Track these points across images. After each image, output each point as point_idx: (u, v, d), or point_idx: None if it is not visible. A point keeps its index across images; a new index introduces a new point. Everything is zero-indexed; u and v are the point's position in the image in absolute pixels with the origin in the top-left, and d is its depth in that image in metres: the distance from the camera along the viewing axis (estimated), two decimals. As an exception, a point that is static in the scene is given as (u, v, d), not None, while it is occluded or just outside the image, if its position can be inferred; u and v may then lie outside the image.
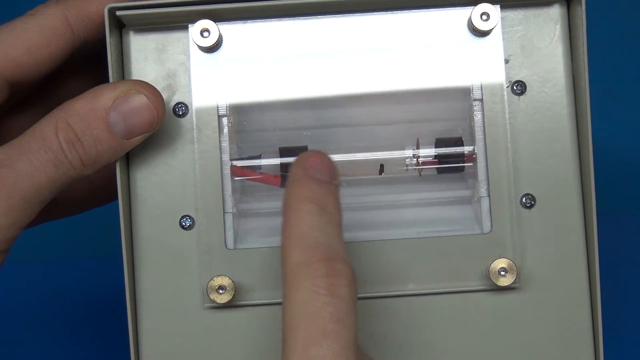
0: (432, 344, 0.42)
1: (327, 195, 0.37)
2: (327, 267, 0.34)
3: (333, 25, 0.42)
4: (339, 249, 0.35)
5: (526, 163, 0.42)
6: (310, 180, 0.37)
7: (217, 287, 0.41)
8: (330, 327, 0.33)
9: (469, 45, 0.42)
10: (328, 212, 0.36)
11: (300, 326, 0.34)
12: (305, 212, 0.36)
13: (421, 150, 0.44)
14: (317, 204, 0.36)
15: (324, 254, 0.35)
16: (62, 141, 0.39)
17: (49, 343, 0.67)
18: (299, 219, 0.36)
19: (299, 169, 0.37)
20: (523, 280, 0.42)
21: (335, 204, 0.37)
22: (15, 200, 0.39)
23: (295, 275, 0.35)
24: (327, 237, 0.35)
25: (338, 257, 0.35)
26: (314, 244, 0.35)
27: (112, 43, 0.41)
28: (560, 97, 0.42)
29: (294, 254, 0.35)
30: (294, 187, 0.37)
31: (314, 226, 0.36)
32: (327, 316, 0.33)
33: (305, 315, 0.34)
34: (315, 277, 0.34)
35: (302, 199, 0.36)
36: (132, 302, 0.42)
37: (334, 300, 0.34)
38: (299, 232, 0.36)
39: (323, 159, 0.38)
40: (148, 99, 0.40)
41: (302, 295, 0.34)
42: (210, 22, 0.41)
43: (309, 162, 0.37)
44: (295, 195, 0.37)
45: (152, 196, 0.42)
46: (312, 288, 0.34)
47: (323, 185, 0.37)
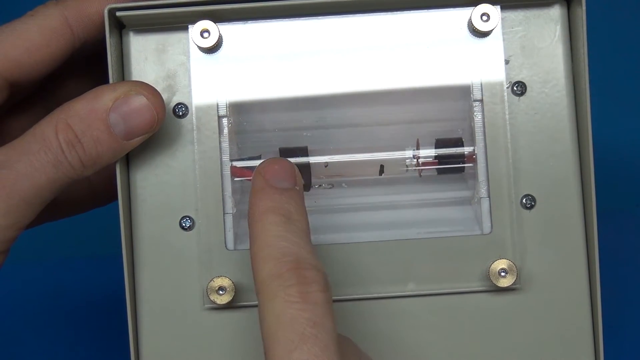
0: (433, 344, 0.42)
1: (290, 204, 0.37)
2: (298, 276, 0.35)
3: (333, 26, 0.42)
4: (308, 256, 0.36)
5: (526, 164, 0.42)
6: (271, 190, 0.37)
7: (217, 288, 0.41)
8: (309, 332, 0.34)
9: (469, 45, 0.42)
10: (293, 220, 0.37)
11: (279, 335, 0.34)
12: (269, 223, 0.36)
13: (421, 151, 0.44)
14: (281, 213, 0.36)
15: (292, 263, 0.35)
16: (62, 142, 0.39)
17: (49, 343, 0.67)
18: (264, 231, 0.36)
19: (259, 179, 0.38)
20: (523, 281, 0.42)
21: (299, 210, 0.37)
22: (15, 200, 0.39)
23: (268, 288, 0.35)
24: (294, 245, 0.36)
25: (307, 265, 0.35)
26: (282, 254, 0.35)
27: (112, 44, 0.41)
28: (561, 98, 0.42)
29: (264, 267, 0.35)
30: (256, 198, 0.37)
31: (280, 236, 0.36)
32: (303, 322, 0.34)
33: (282, 324, 0.34)
34: (287, 287, 0.35)
35: (265, 210, 0.37)
36: (132, 302, 0.42)
37: (309, 306, 0.34)
38: (265, 244, 0.36)
39: (282, 166, 0.38)
40: (148, 100, 0.40)
41: (276, 306, 0.34)
42: (210, 22, 0.41)
43: (268, 170, 0.38)
44: (258, 207, 0.37)
45: (152, 197, 0.42)
46: (285, 298, 0.34)
47: (285, 193, 0.37)
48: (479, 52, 0.42)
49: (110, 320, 0.61)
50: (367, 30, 0.42)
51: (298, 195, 0.38)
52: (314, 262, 0.36)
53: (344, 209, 0.44)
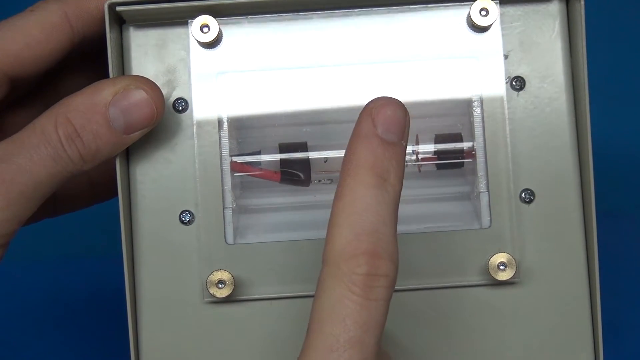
0: (432, 338, 0.42)
1: (391, 163, 0.34)
2: (370, 265, 0.33)
3: (332, 22, 0.42)
4: (389, 241, 0.34)
5: (525, 158, 0.42)
6: (377, 141, 0.34)
7: (216, 281, 0.41)
8: (358, 337, 0.33)
9: (468, 40, 0.42)
10: (388, 185, 0.34)
11: (327, 326, 0.33)
12: (364, 184, 0.34)
13: (420, 146, 0.44)
14: (378, 174, 0.34)
15: (371, 246, 0.33)
16: (61, 136, 0.39)
17: (49, 343, 0.67)
18: (354, 191, 0.34)
19: (368, 122, 0.35)
20: (522, 275, 0.42)
21: (398, 172, 0.35)
22: (14, 194, 0.39)
23: (336, 265, 0.33)
24: (380, 223, 0.34)
25: (385, 253, 0.33)
26: (364, 230, 0.33)
27: (112, 39, 0.41)
28: (559, 93, 0.42)
29: (340, 237, 0.34)
30: (357, 145, 0.35)
31: (369, 205, 0.34)
32: (355, 323, 0.33)
33: (335, 315, 0.33)
34: (355, 275, 0.33)
35: (365, 165, 0.34)
36: (131, 296, 0.42)
37: (368, 304, 0.33)
38: (351, 208, 0.34)
39: (395, 113, 0.35)
40: (148, 95, 0.40)
41: (337, 290, 0.33)
42: (210, 17, 0.41)
43: (381, 115, 0.35)
44: (356, 158, 0.34)
45: (151, 191, 0.42)
46: (349, 285, 0.33)
47: (389, 149, 0.34)
48: (478, 47, 0.42)
49: (110, 319, 0.61)
50: (367, 26, 0.42)
51: (402, 152, 0.35)
52: (391, 249, 0.34)
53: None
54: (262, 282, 0.42)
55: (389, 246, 0.34)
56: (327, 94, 0.43)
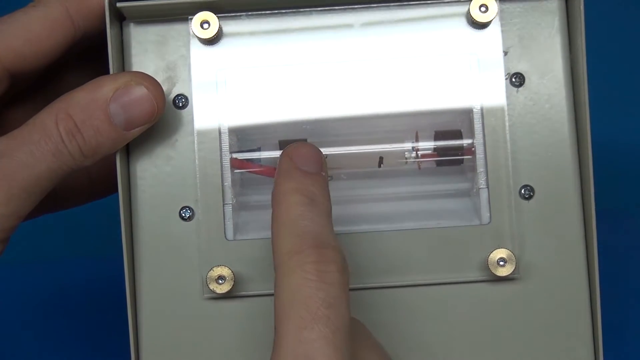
0: (432, 334, 0.42)
1: (315, 187, 0.37)
2: (317, 254, 0.35)
3: (331, 19, 0.43)
4: (329, 237, 0.36)
5: (525, 154, 0.42)
6: (298, 172, 0.38)
7: (216, 277, 0.41)
8: (322, 312, 0.34)
9: (468, 37, 0.42)
10: (317, 202, 0.37)
11: (291, 311, 0.34)
12: (293, 203, 0.37)
13: (420, 143, 0.44)
14: (305, 195, 0.37)
15: (313, 241, 0.35)
16: (62, 132, 0.39)
17: (49, 343, 0.67)
18: (287, 209, 0.37)
19: (287, 160, 0.38)
20: (522, 271, 0.42)
21: (323, 194, 0.37)
22: (14, 190, 0.39)
23: (286, 263, 0.35)
24: (317, 225, 0.36)
25: (327, 244, 0.36)
26: (303, 232, 0.36)
27: (113, 35, 0.41)
28: (559, 89, 0.42)
29: (284, 243, 0.36)
30: (281, 178, 0.38)
31: (303, 216, 0.36)
32: (318, 301, 0.34)
33: (296, 300, 0.34)
34: (305, 264, 0.35)
35: (290, 190, 0.37)
36: (131, 293, 0.42)
37: (325, 286, 0.35)
38: (288, 221, 0.36)
39: (311, 151, 0.39)
40: (148, 91, 0.40)
41: (293, 282, 0.35)
42: (211, 14, 0.41)
43: (297, 153, 0.38)
44: (283, 187, 0.37)
45: (152, 187, 0.42)
46: (302, 275, 0.35)
47: (311, 177, 0.37)
48: (478, 43, 0.42)
49: (110, 317, 0.61)
50: (367, 24, 0.43)
51: (323, 180, 0.38)
52: (334, 243, 0.36)
53: (343, 201, 0.44)
54: (262, 278, 0.42)
55: (330, 240, 0.36)
56: (327, 91, 0.43)
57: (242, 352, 0.42)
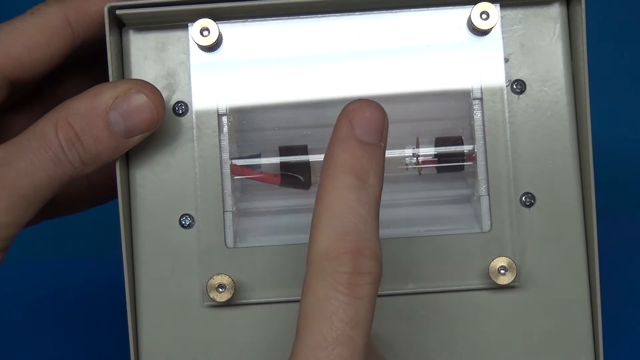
0: (432, 342, 0.42)
1: (370, 164, 0.35)
2: (354, 264, 0.33)
3: (332, 26, 0.42)
4: (371, 239, 0.34)
5: (526, 162, 0.42)
6: (355, 143, 0.35)
7: (216, 285, 0.41)
8: (346, 333, 0.33)
9: (469, 44, 0.42)
10: (368, 186, 0.34)
11: (314, 323, 0.33)
12: (343, 186, 0.34)
13: (421, 149, 0.44)
14: (357, 175, 0.34)
15: (353, 245, 0.34)
16: (62, 140, 0.39)
17: (49, 343, 0.67)
18: (334, 192, 0.34)
19: (346, 124, 0.35)
20: (523, 279, 0.42)
21: (377, 173, 0.35)
22: (15, 198, 0.39)
23: (320, 264, 0.34)
24: (361, 222, 0.34)
25: (368, 251, 0.34)
26: (346, 230, 0.34)
27: (112, 42, 0.41)
28: (560, 96, 0.42)
29: (323, 238, 0.34)
30: (336, 147, 0.35)
31: (349, 207, 0.34)
32: (345, 320, 0.33)
33: (321, 314, 0.33)
34: (339, 273, 0.33)
35: (342, 167, 0.34)
36: (131, 300, 0.42)
37: (354, 301, 0.33)
38: (331, 210, 0.34)
39: (374, 114, 0.35)
40: (148, 98, 0.40)
41: (321, 290, 0.33)
42: (210, 21, 0.41)
43: (358, 116, 0.35)
44: (336, 160, 0.34)
45: (151, 195, 0.42)
46: (334, 284, 0.33)
47: (368, 150, 0.35)
48: (479, 50, 0.42)
49: (110, 320, 0.61)
50: (367, 30, 0.42)
51: (381, 153, 0.35)
52: (374, 247, 0.34)
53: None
54: (263, 286, 0.42)
55: (371, 244, 0.34)
56: (327, 97, 0.43)
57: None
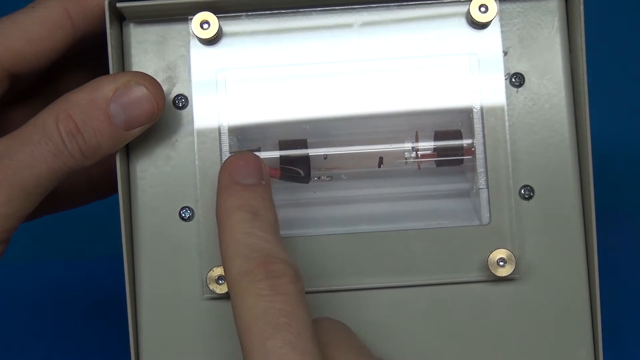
0: (431, 335, 0.42)
1: (256, 199, 0.37)
2: (267, 270, 0.35)
3: (331, 19, 0.43)
4: (276, 251, 0.36)
5: (525, 154, 0.42)
6: (237, 187, 0.38)
7: (216, 277, 0.41)
8: (282, 321, 0.34)
9: (468, 37, 0.42)
10: (260, 215, 0.37)
11: (252, 326, 0.35)
12: (236, 220, 0.37)
13: (420, 143, 0.44)
14: (247, 210, 0.37)
15: (261, 258, 0.36)
16: (62, 132, 0.39)
17: (48, 343, 0.67)
18: (231, 228, 0.37)
19: (225, 175, 0.38)
20: (522, 271, 0.42)
21: (265, 205, 0.38)
22: (15, 190, 0.39)
23: (238, 284, 0.36)
24: (262, 241, 0.36)
25: (275, 259, 0.36)
26: (250, 250, 0.36)
27: (112, 35, 0.41)
28: (559, 89, 0.42)
29: (234, 264, 0.36)
30: (222, 196, 0.38)
31: (247, 233, 0.37)
32: (275, 312, 0.35)
33: (254, 315, 0.35)
34: (257, 282, 0.35)
35: (232, 208, 0.37)
36: (131, 292, 0.42)
37: (280, 297, 0.35)
38: (233, 241, 0.37)
39: (247, 161, 0.39)
40: (148, 91, 0.40)
41: (248, 300, 0.35)
42: (210, 14, 0.41)
43: (234, 166, 0.38)
44: (224, 204, 0.37)
45: (151, 188, 0.42)
46: (256, 292, 0.35)
47: (250, 189, 0.38)
48: (477, 43, 0.42)
49: (110, 318, 0.61)
50: (366, 25, 0.43)
51: (264, 190, 0.38)
52: (282, 255, 0.36)
53: (343, 201, 0.44)
54: (262, 278, 0.42)
55: (277, 254, 0.36)
56: (327, 91, 0.43)
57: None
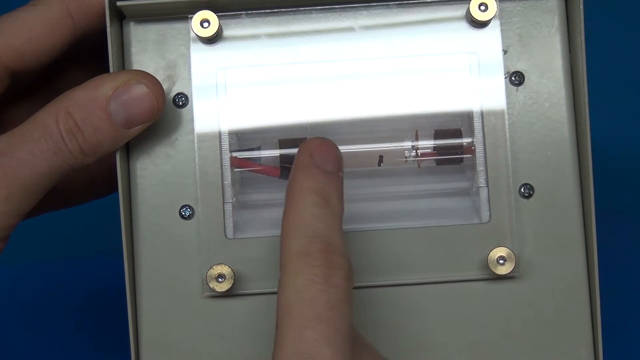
0: (431, 333, 0.42)
1: (331, 188, 0.37)
2: (325, 259, 0.35)
3: (331, 18, 0.43)
4: (338, 242, 0.36)
5: (524, 153, 0.42)
6: (316, 170, 0.37)
7: (216, 275, 0.41)
8: (326, 314, 0.34)
9: (467, 36, 0.42)
10: (331, 204, 0.37)
11: (295, 310, 0.34)
12: (308, 202, 0.36)
13: (420, 142, 0.44)
14: (321, 195, 0.37)
15: (323, 245, 0.35)
16: (62, 130, 0.39)
17: (48, 343, 0.67)
18: (301, 208, 0.36)
19: (306, 155, 0.38)
20: (522, 269, 0.42)
21: (338, 196, 0.37)
22: (15, 187, 0.39)
23: (294, 263, 0.35)
24: (328, 229, 0.36)
25: (336, 250, 0.36)
26: (314, 234, 0.36)
27: (113, 34, 0.41)
28: (558, 88, 0.42)
29: (294, 243, 0.36)
30: (299, 174, 0.37)
31: (316, 217, 0.36)
32: (322, 303, 0.34)
33: (301, 300, 0.34)
34: (314, 267, 0.35)
35: (307, 188, 0.37)
36: (131, 291, 0.42)
37: (331, 289, 0.35)
38: (300, 221, 0.36)
39: (331, 149, 0.38)
40: (148, 89, 0.40)
41: (299, 282, 0.35)
42: (210, 12, 0.42)
43: (317, 149, 0.38)
44: (299, 183, 0.37)
45: (152, 186, 0.42)
46: (309, 276, 0.35)
47: (328, 177, 0.37)
48: (477, 42, 0.42)
49: (110, 317, 0.61)
50: (366, 24, 0.43)
51: (339, 181, 0.38)
52: (342, 249, 0.36)
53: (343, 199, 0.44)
54: (262, 277, 0.42)
55: (339, 245, 0.36)
56: (327, 90, 0.43)
57: (242, 350, 0.42)
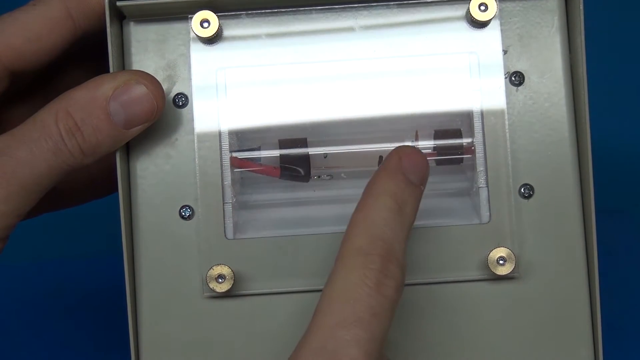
0: (431, 333, 0.42)
1: (410, 198, 0.38)
2: (382, 264, 0.36)
3: (331, 18, 0.43)
4: (400, 253, 0.36)
5: (524, 153, 0.42)
6: (401, 176, 0.38)
7: (216, 276, 0.41)
8: (366, 318, 0.34)
9: (468, 36, 0.42)
10: (404, 213, 0.37)
11: (337, 306, 0.35)
12: (383, 205, 0.37)
13: (420, 142, 0.44)
14: (397, 202, 0.37)
15: (384, 250, 0.36)
16: (62, 130, 0.39)
17: (48, 343, 0.67)
18: (375, 208, 0.37)
19: (396, 159, 0.38)
20: (522, 269, 0.42)
21: (414, 208, 0.38)
22: (14, 188, 0.39)
23: (351, 259, 0.36)
24: (394, 236, 0.36)
25: (396, 260, 0.36)
26: (379, 237, 0.36)
27: (113, 34, 0.41)
28: (558, 88, 0.42)
29: (357, 239, 0.36)
30: (383, 175, 0.38)
31: (387, 221, 0.37)
32: (365, 307, 0.35)
33: (346, 298, 0.35)
34: (369, 269, 0.35)
35: (386, 191, 0.37)
36: (131, 291, 0.42)
37: (378, 296, 0.35)
38: (370, 220, 0.37)
39: (422, 161, 0.38)
40: (148, 89, 0.40)
41: (351, 278, 0.35)
42: (210, 12, 0.42)
43: (407, 156, 0.38)
44: (381, 184, 0.37)
45: (152, 186, 0.42)
46: (361, 277, 0.35)
47: (410, 187, 0.38)
48: (477, 42, 0.42)
49: (110, 317, 0.61)
50: (366, 22, 0.43)
51: (419, 194, 0.38)
52: (402, 261, 0.36)
53: (343, 200, 0.44)
54: (262, 277, 0.42)
55: (399, 256, 0.36)
56: (327, 90, 0.43)
57: (242, 351, 0.42)
